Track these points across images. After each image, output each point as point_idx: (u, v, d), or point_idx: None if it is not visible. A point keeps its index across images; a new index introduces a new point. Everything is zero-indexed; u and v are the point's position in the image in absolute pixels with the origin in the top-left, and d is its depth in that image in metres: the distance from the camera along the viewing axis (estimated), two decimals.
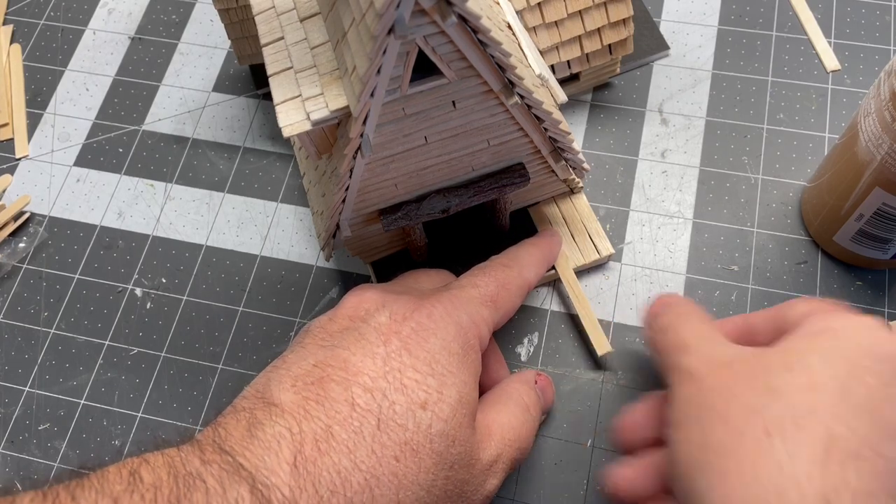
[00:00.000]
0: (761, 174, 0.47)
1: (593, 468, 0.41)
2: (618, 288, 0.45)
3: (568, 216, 0.46)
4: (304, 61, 0.33)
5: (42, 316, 0.47)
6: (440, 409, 0.31)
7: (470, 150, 0.36)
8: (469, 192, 0.39)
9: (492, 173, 0.39)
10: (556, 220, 0.45)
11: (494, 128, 0.36)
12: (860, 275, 0.44)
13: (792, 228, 0.46)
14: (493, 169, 0.39)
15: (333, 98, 0.32)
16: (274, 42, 0.34)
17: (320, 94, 0.32)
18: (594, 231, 0.45)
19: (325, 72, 0.33)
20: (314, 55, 0.33)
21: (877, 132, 0.36)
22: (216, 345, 0.45)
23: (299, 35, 0.34)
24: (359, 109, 0.31)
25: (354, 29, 0.29)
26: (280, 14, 0.35)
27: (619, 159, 0.48)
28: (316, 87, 0.32)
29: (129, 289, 0.47)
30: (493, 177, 0.39)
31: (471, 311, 0.34)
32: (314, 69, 0.33)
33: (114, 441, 0.43)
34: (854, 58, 0.50)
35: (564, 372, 0.43)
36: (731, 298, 0.44)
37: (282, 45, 0.34)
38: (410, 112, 0.33)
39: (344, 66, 0.32)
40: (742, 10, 0.52)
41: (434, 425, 0.30)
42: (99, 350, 0.46)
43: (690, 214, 0.46)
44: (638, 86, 0.51)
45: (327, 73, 0.33)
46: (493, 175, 0.39)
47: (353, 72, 0.30)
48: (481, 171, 0.38)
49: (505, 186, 0.39)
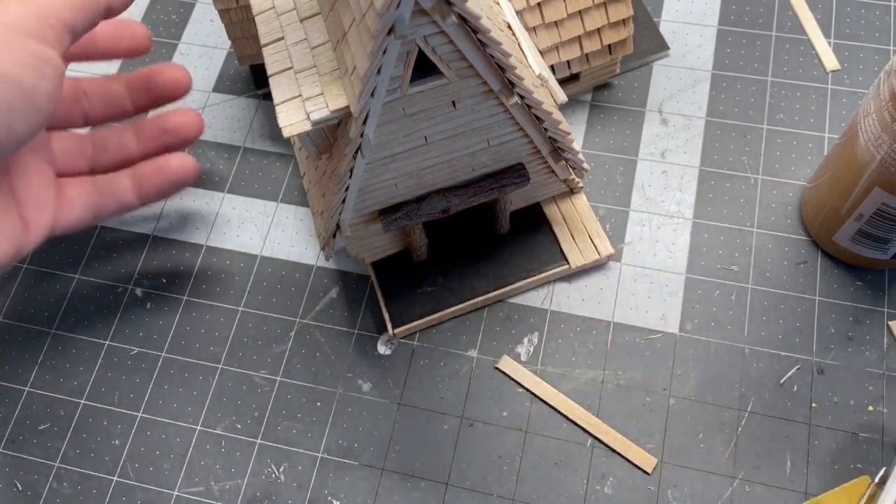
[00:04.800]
0: (761, 174, 0.47)
1: (593, 468, 0.41)
2: (617, 288, 0.45)
3: (568, 216, 0.45)
4: (305, 61, 0.33)
5: (42, 316, 0.47)
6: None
7: (470, 150, 0.36)
8: (469, 191, 0.39)
9: (492, 173, 0.39)
10: (556, 221, 0.45)
11: (494, 128, 0.36)
12: (860, 275, 0.44)
13: (792, 228, 0.46)
14: (493, 169, 0.39)
15: (333, 98, 0.32)
16: (274, 42, 0.34)
17: (320, 94, 0.32)
18: (594, 231, 0.45)
19: (325, 72, 0.33)
20: (314, 55, 0.33)
21: (876, 132, 0.36)
22: (216, 345, 0.45)
23: (299, 35, 0.34)
24: (359, 109, 0.31)
25: (355, 29, 0.29)
26: (280, 14, 0.35)
27: (618, 159, 0.48)
28: (316, 87, 0.32)
29: (129, 288, 0.47)
30: (494, 177, 0.39)
31: None
32: (314, 69, 0.33)
33: (114, 441, 0.43)
34: (854, 58, 0.50)
35: (564, 372, 0.43)
36: (730, 298, 0.44)
37: (282, 45, 0.34)
38: (410, 112, 0.33)
39: (344, 66, 0.32)
40: (742, 11, 0.52)
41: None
42: (99, 350, 0.46)
43: (690, 214, 0.46)
44: (638, 86, 0.51)
45: (327, 73, 0.33)
46: (493, 175, 0.39)
47: (354, 72, 0.30)
48: (481, 171, 0.38)
49: (505, 186, 0.39)
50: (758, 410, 0.41)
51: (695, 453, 0.41)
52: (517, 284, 0.44)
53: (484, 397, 0.43)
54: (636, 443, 0.41)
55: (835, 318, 0.43)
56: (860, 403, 0.41)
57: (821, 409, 0.41)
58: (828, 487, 0.39)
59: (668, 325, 0.44)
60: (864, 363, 0.42)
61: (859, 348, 0.42)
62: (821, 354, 0.42)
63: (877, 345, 0.42)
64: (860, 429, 0.40)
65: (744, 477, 0.40)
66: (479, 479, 0.41)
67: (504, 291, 0.44)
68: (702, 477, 0.40)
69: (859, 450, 0.40)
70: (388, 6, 0.26)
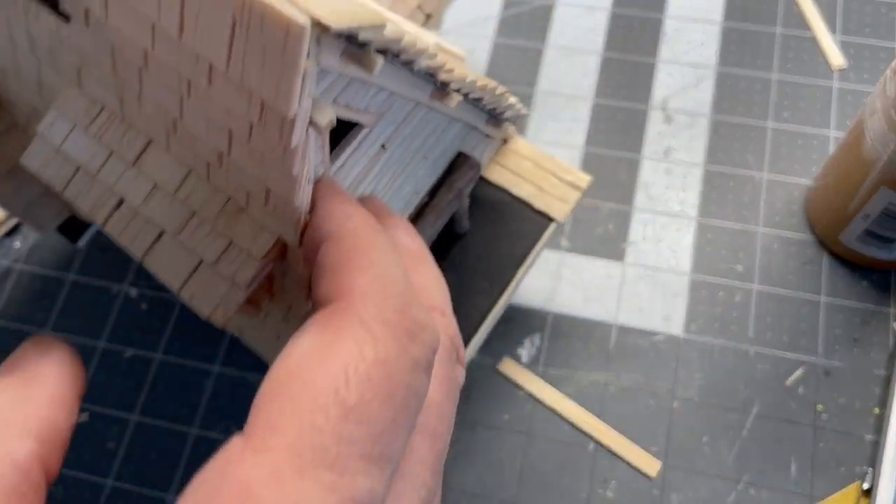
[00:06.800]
0: (766, 173, 0.47)
1: (596, 472, 0.40)
2: (620, 289, 0.44)
3: (520, 170, 0.37)
4: (177, 215, 0.24)
5: (36, 317, 0.47)
6: None
7: (414, 176, 0.31)
8: (428, 220, 0.32)
9: (437, 184, 0.33)
10: (511, 182, 0.37)
11: (430, 139, 0.30)
12: (866, 275, 0.43)
13: (797, 228, 0.45)
14: (436, 179, 0.33)
15: (251, 239, 0.24)
16: (113, 212, 0.25)
17: (231, 245, 0.24)
18: (557, 169, 0.37)
19: (213, 213, 0.24)
20: (182, 199, 0.24)
21: (883, 130, 0.35)
22: (212, 347, 0.45)
23: (144, 184, 0.24)
24: (296, 233, 0.23)
25: (240, 145, 0.21)
26: (96, 173, 0.25)
27: (621, 158, 0.48)
28: (219, 239, 0.24)
29: (123, 290, 0.47)
30: (443, 187, 0.33)
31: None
32: (195, 217, 0.24)
33: (108, 444, 0.43)
34: (860, 55, 0.50)
35: (566, 374, 0.42)
36: (735, 299, 0.43)
37: (128, 211, 0.25)
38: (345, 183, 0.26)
39: (242, 188, 0.23)
40: (746, 7, 0.52)
41: None
42: (93, 352, 0.45)
43: (694, 213, 0.46)
44: (641, 83, 0.50)
45: (217, 212, 0.24)
46: (440, 186, 0.33)
47: (268, 195, 0.22)
48: (426, 189, 0.33)
49: (462, 190, 0.33)
50: (762, 413, 0.41)
51: (699, 456, 0.40)
52: (519, 274, 0.37)
53: (484, 400, 0.42)
54: (639, 446, 0.40)
55: (841, 320, 0.42)
56: (866, 406, 0.40)
57: (826, 411, 0.41)
58: (833, 491, 0.39)
59: (671, 326, 0.43)
60: (871, 365, 0.41)
61: (865, 350, 0.42)
62: (826, 356, 0.42)
63: (883, 346, 0.42)
64: (866, 431, 0.40)
65: (748, 480, 0.39)
66: (479, 482, 0.40)
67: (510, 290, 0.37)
68: (706, 480, 0.40)
69: (865, 453, 0.39)
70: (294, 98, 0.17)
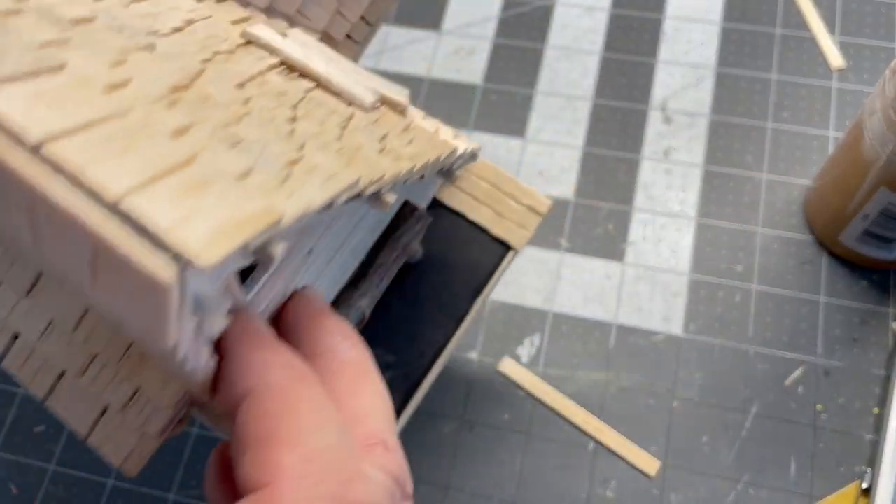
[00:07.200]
0: (765, 173, 0.47)
1: (596, 471, 0.40)
2: (620, 289, 0.44)
3: (478, 192, 0.34)
4: (77, 356, 0.23)
5: None
6: None
7: (349, 245, 0.28)
8: (374, 279, 0.30)
9: (383, 237, 0.30)
10: (467, 205, 0.34)
11: (371, 215, 0.28)
12: (865, 275, 0.43)
13: (797, 228, 0.45)
14: (379, 234, 0.30)
15: (159, 387, 0.22)
16: (9, 345, 0.24)
17: (139, 391, 0.23)
18: (517, 192, 0.34)
19: (117, 356, 0.23)
20: (82, 340, 0.23)
21: (882, 131, 0.35)
22: None
23: (39, 319, 0.23)
24: (204, 391, 0.20)
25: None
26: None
27: (621, 158, 0.48)
28: (124, 384, 0.23)
29: None
30: (389, 243, 0.30)
31: None
32: (97, 359, 0.23)
33: None
34: (859, 55, 0.50)
35: (566, 374, 0.42)
36: (735, 299, 0.43)
37: (24, 345, 0.24)
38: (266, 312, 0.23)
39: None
40: (745, 7, 0.52)
41: None
42: None
43: (694, 214, 0.46)
44: (641, 83, 0.50)
45: (121, 356, 0.23)
46: (384, 240, 0.30)
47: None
48: (368, 248, 0.30)
49: (409, 243, 0.30)
50: (762, 413, 0.41)
51: (698, 456, 0.40)
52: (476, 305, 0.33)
53: (485, 400, 0.42)
54: (639, 446, 0.40)
55: (840, 320, 0.43)
56: (866, 405, 0.40)
57: (826, 411, 0.41)
58: (833, 490, 0.39)
59: (671, 326, 0.43)
60: (870, 365, 0.41)
61: (864, 350, 0.42)
62: (826, 356, 0.42)
63: (882, 346, 0.42)
64: (865, 431, 0.40)
65: (748, 480, 0.39)
66: (479, 482, 0.40)
67: (467, 323, 0.33)
68: (705, 480, 0.40)
69: (864, 452, 0.40)
70: (173, 332, 0.14)
